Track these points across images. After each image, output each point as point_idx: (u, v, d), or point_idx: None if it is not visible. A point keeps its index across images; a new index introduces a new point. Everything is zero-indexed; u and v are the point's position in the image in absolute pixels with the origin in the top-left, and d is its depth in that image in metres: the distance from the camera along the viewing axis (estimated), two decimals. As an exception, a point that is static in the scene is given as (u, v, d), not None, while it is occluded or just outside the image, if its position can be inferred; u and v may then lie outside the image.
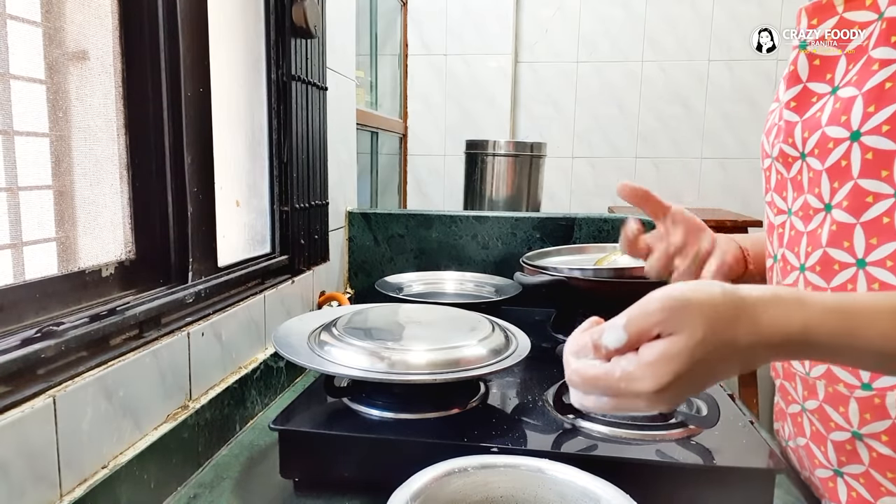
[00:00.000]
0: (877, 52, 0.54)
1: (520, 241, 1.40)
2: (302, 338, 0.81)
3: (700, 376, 0.42)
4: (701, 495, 0.66)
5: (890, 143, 0.52)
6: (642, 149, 2.84)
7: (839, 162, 0.56)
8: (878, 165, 0.53)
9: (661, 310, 0.42)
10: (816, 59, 0.60)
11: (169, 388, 0.75)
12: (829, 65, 0.59)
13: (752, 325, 0.42)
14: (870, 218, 0.54)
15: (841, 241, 0.56)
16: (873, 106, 0.53)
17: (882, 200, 0.53)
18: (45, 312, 0.64)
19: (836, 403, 0.59)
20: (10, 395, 0.54)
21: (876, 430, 0.56)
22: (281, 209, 1.11)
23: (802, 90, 0.61)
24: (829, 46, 0.59)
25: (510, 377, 0.91)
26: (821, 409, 0.61)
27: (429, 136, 2.90)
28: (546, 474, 0.58)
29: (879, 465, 0.57)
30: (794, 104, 0.62)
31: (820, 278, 0.58)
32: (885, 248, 0.53)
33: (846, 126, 0.55)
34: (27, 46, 0.65)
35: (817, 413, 0.61)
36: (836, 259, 0.56)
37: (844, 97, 0.56)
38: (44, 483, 0.56)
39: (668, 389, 0.42)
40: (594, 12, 2.78)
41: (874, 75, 0.53)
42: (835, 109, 0.57)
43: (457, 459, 0.59)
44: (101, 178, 0.74)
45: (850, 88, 0.56)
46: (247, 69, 1.03)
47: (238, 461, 0.81)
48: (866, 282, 0.54)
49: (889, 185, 0.53)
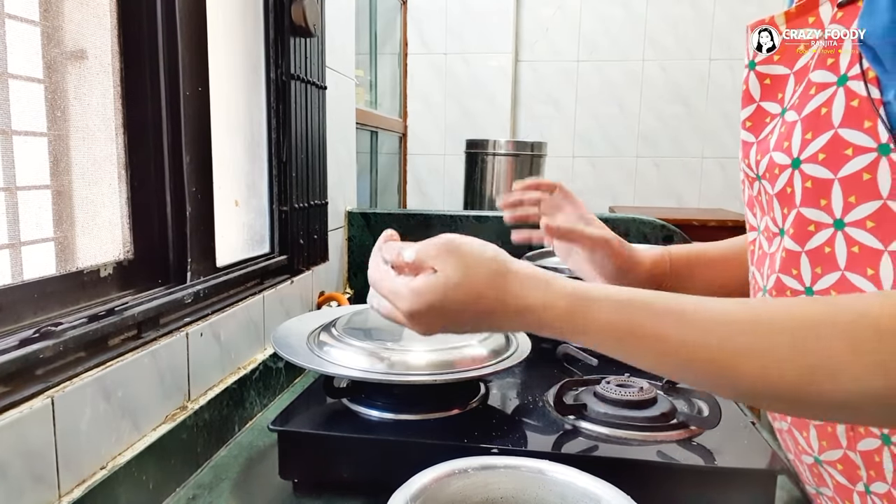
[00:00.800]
0: (815, 76, 0.52)
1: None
2: (301, 338, 0.81)
3: (452, 315, 0.49)
4: (702, 496, 0.65)
5: (826, 172, 0.51)
6: (643, 148, 2.83)
7: (785, 189, 0.54)
8: (817, 194, 0.51)
9: (438, 247, 0.51)
10: (767, 78, 0.59)
11: (168, 389, 0.75)
12: (780, 84, 0.58)
13: (502, 288, 0.49)
14: (813, 247, 0.52)
15: (790, 268, 0.55)
16: (811, 132, 0.51)
17: (823, 230, 0.52)
18: (44, 313, 0.64)
19: (800, 427, 0.58)
20: (9, 395, 0.53)
21: (832, 458, 0.55)
22: (280, 209, 1.10)
23: (756, 109, 0.60)
24: (775, 65, 0.58)
25: (510, 378, 0.91)
26: (790, 430, 0.60)
27: (429, 136, 2.90)
28: (547, 475, 0.58)
29: (840, 493, 0.56)
30: (750, 124, 0.60)
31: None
32: (828, 277, 0.52)
33: (788, 153, 0.53)
34: (25, 45, 0.65)
35: (790, 434, 0.61)
36: (787, 286, 0.55)
37: (788, 121, 0.55)
38: (42, 484, 0.56)
39: (422, 317, 0.49)
40: (594, 11, 2.78)
41: (811, 100, 0.52)
42: (780, 134, 0.55)
43: (457, 460, 0.58)
44: (99, 177, 0.74)
45: (793, 113, 0.54)
46: (246, 68, 1.02)
47: (237, 462, 0.81)
48: None
49: (828, 214, 0.51)
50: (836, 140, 0.50)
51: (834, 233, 0.51)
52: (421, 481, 0.55)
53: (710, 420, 0.71)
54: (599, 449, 0.69)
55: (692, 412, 0.76)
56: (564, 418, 0.75)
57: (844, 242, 0.51)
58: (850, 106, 0.49)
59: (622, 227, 1.37)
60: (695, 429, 0.72)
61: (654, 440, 0.70)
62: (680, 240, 1.35)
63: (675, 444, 0.70)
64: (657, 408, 0.75)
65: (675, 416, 0.74)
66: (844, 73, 0.50)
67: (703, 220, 2.15)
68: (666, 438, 0.70)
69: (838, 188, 0.50)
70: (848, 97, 0.49)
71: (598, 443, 0.70)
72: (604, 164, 2.87)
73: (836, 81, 0.50)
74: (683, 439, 0.70)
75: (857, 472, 0.53)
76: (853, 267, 0.50)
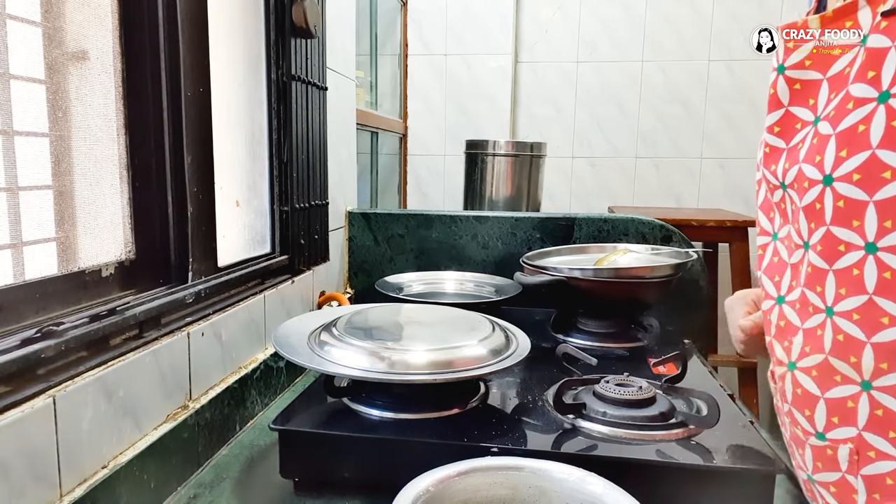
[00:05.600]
0: (854, 89, 0.49)
1: (520, 241, 1.40)
2: (302, 338, 0.81)
3: None
4: (701, 495, 0.66)
5: (861, 193, 0.48)
6: (642, 149, 2.84)
7: (814, 204, 0.52)
8: (850, 215, 0.49)
9: None
10: (797, 83, 0.56)
11: (169, 388, 0.75)
12: (811, 89, 0.55)
13: None
14: (841, 267, 0.51)
15: (815, 284, 0.53)
16: (846, 150, 0.49)
17: (853, 251, 0.50)
18: (45, 312, 0.64)
19: (797, 444, 0.58)
20: (10, 395, 0.54)
21: (826, 480, 0.55)
22: (281, 209, 1.11)
23: (785, 114, 0.57)
24: (807, 70, 0.55)
25: (510, 377, 0.91)
26: (789, 444, 0.60)
27: (429, 136, 2.90)
28: (548, 474, 0.58)
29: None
30: (779, 129, 0.58)
31: (797, 316, 0.56)
32: (852, 300, 0.50)
33: (820, 167, 0.51)
34: (27, 46, 0.65)
35: (788, 446, 0.60)
36: (811, 302, 0.54)
37: (822, 133, 0.52)
38: (44, 483, 0.56)
39: None
40: (594, 12, 2.78)
41: (848, 115, 0.49)
42: (812, 146, 0.53)
43: (461, 462, 0.59)
44: (100, 177, 0.74)
45: (827, 125, 0.52)
46: (247, 69, 1.03)
47: (238, 461, 0.81)
48: (832, 331, 0.52)
49: (860, 236, 0.49)
50: (874, 161, 0.48)
51: (865, 256, 0.49)
52: (425, 482, 0.55)
53: (709, 419, 0.71)
54: (599, 448, 0.69)
55: (691, 411, 0.76)
56: (564, 417, 0.75)
57: (875, 267, 0.49)
58: (890, 126, 0.47)
59: (621, 227, 1.37)
60: (694, 428, 0.72)
61: (653, 439, 0.70)
62: (679, 240, 1.35)
63: (674, 443, 0.70)
64: (656, 407, 0.75)
65: (675, 415, 0.74)
66: (887, 90, 0.47)
67: (702, 220, 2.15)
68: (665, 438, 0.71)
69: (873, 211, 0.48)
70: (889, 116, 0.47)
71: (597, 442, 0.70)
72: (603, 164, 2.87)
73: (877, 98, 0.48)
74: (682, 438, 0.71)
75: (854, 495, 0.52)
76: (883, 292, 0.48)
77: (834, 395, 0.51)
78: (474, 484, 0.58)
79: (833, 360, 0.51)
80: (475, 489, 0.58)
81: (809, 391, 0.53)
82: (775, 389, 0.60)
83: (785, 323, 0.57)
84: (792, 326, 0.56)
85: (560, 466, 0.59)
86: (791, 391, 0.55)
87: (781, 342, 0.57)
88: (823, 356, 0.52)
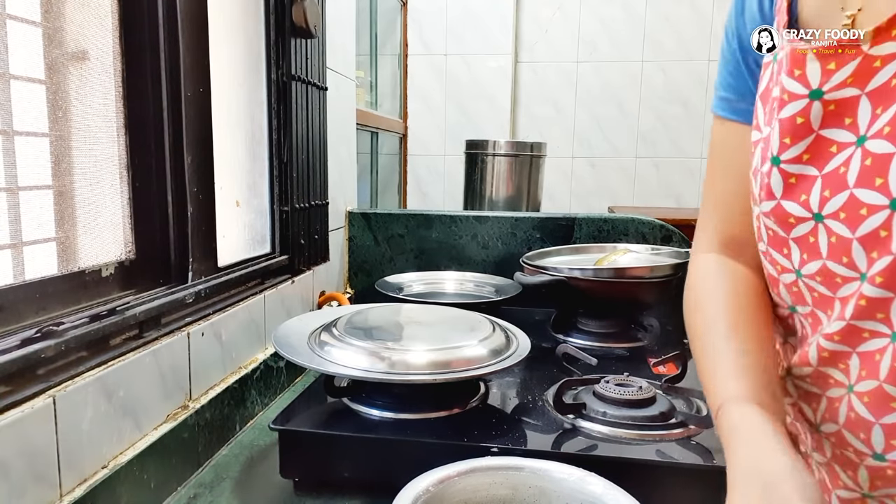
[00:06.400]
0: None
1: (520, 241, 1.40)
2: (302, 338, 0.81)
3: None
4: (701, 495, 0.65)
5: None
6: (642, 149, 2.84)
7: (877, 231, 0.47)
8: None
9: None
10: (832, 104, 0.50)
11: (169, 388, 0.75)
12: (848, 108, 0.49)
13: None
14: None
15: (874, 313, 0.50)
16: None
17: None
18: (45, 312, 0.64)
19: (846, 466, 0.56)
20: (10, 395, 0.54)
21: (887, 493, 0.53)
22: (281, 209, 1.11)
23: (815, 139, 0.51)
24: (847, 88, 0.49)
25: (510, 377, 0.91)
26: (827, 465, 0.59)
27: (429, 136, 2.90)
28: (548, 474, 0.58)
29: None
30: (808, 156, 0.52)
31: (845, 346, 0.53)
32: None
33: (883, 191, 0.46)
34: (27, 46, 0.65)
35: (826, 467, 0.59)
36: (864, 328, 0.50)
37: (877, 153, 0.47)
38: (44, 483, 0.56)
39: None
40: (594, 12, 2.78)
41: None
42: (864, 167, 0.48)
43: (461, 462, 0.59)
44: (100, 178, 0.74)
45: (883, 142, 0.46)
46: (247, 69, 1.03)
47: (238, 461, 0.81)
48: (892, 358, 0.49)
49: None
50: None
51: None
52: (425, 481, 0.55)
53: (708, 419, 0.71)
54: (598, 448, 0.69)
55: (691, 411, 0.76)
56: (564, 417, 0.75)
57: None
58: None
59: (621, 227, 1.37)
60: (694, 428, 0.72)
61: (653, 439, 0.70)
62: (679, 240, 1.35)
63: (673, 443, 0.70)
64: (656, 407, 0.75)
65: (674, 415, 0.74)
66: None
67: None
68: (665, 437, 0.71)
69: None
70: None
71: (597, 442, 0.70)
72: (603, 164, 2.88)
73: None
74: (682, 438, 0.71)
75: None
76: None
77: (889, 420, 0.50)
78: (474, 484, 0.58)
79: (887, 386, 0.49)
80: (475, 489, 0.58)
81: (862, 416, 0.52)
82: (813, 412, 0.58)
83: (827, 354, 0.54)
84: (837, 356, 0.54)
85: (560, 466, 0.59)
86: (845, 414, 0.54)
87: (837, 365, 0.54)
88: (878, 383, 0.50)
